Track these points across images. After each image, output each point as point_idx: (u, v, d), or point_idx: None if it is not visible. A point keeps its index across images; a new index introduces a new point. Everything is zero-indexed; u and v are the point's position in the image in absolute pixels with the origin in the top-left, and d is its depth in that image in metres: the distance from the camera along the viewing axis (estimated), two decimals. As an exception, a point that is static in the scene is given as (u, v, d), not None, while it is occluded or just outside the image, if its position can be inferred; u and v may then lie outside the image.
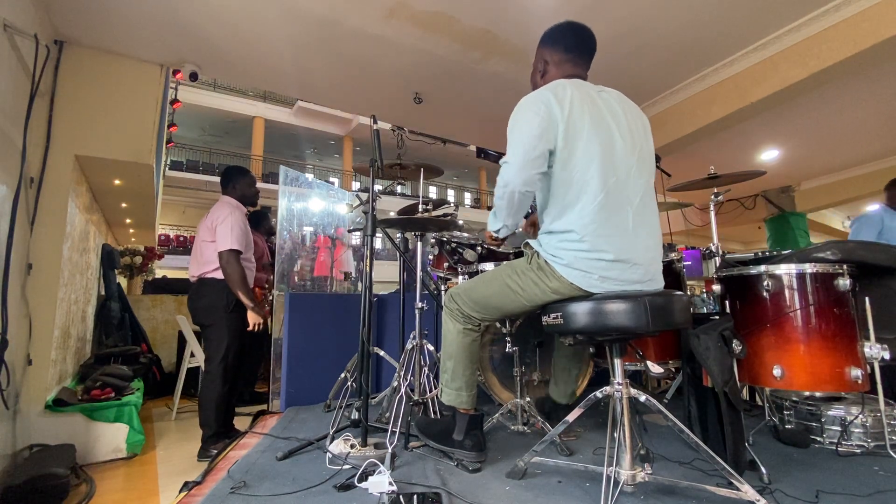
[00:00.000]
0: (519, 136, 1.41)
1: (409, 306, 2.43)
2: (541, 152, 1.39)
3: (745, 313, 1.82)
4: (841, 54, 2.92)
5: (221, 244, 2.59)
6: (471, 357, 1.65)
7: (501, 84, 3.73)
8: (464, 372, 1.64)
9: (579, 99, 1.42)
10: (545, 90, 1.45)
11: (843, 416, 1.77)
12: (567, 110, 1.39)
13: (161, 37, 3.03)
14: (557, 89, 1.44)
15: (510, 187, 1.43)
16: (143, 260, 7.21)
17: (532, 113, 1.41)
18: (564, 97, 1.41)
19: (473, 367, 1.67)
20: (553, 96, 1.42)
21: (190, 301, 2.71)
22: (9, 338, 2.09)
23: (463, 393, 1.64)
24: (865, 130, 4.84)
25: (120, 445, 2.72)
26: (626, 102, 1.54)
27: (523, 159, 1.39)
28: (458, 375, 1.64)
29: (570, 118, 1.39)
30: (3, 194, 2.13)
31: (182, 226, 16.04)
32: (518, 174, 1.40)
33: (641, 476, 1.24)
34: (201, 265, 2.67)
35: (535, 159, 1.39)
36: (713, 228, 2.35)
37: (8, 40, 2.10)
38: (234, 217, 2.66)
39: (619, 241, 1.36)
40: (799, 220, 6.91)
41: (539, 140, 1.38)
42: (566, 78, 1.54)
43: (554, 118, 1.39)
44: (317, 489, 1.42)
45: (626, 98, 1.56)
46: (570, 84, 1.47)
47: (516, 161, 1.40)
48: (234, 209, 2.72)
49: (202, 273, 2.66)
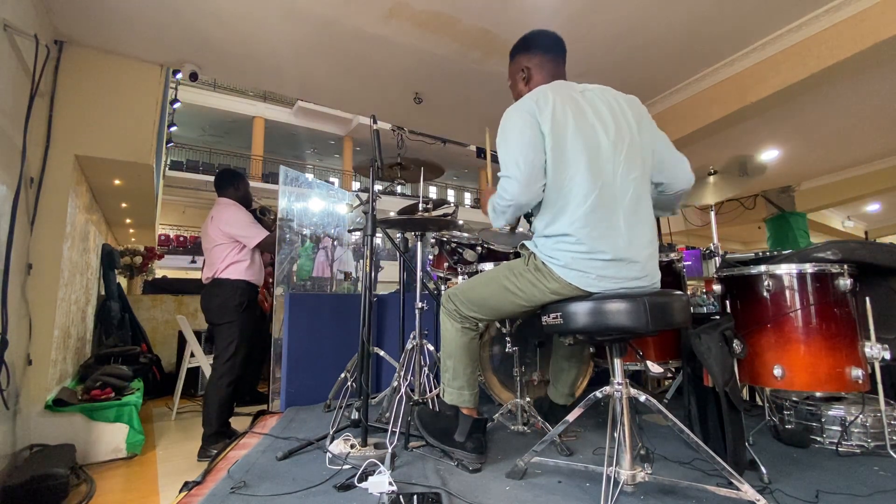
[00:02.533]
0: (513, 149, 1.40)
1: (409, 306, 2.43)
2: (539, 162, 1.39)
3: (746, 313, 1.82)
4: (841, 54, 2.92)
5: (253, 241, 2.76)
6: (471, 355, 1.65)
7: (501, 84, 3.69)
8: (464, 370, 1.63)
9: (561, 104, 1.42)
10: (527, 100, 1.45)
11: (844, 416, 1.77)
12: (549, 118, 1.39)
13: (161, 37, 3.03)
14: (539, 97, 1.44)
15: (515, 202, 1.41)
16: (143, 260, 7.20)
17: (522, 123, 1.41)
18: (546, 105, 1.41)
19: (474, 366, 1.67)
20: (535, 105, 1.42)
21: (203, 301, 2.78)
22: (9, 338, 2.09)
23: (465, 392, 1.64)
24: (865, 130, 4.83)
25: (120, 445, 2.72)
26: (611, 97, 1.51)
27: (528, 174, 1.37)
28: (459, 374, 1.64)
29: (554, 126, 1.39)
30: (3, 194, 2.13)
31: (182, 226, 16.04)
32: (524, 191, 1.38)
33: (641, 476, 1.24)
34: (214, 266, 2.74)
35: (537, 171, 1.38)
36: (713, 228, 2.35)
37: (8, 40, 2.10)
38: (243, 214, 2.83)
39: (615, 240, 1.36)
40: (799, 220, 6.90)
41: (534, 152, 1.38)
42: (550, 80, 1.55)
43: (540, 128, 1.39)
44: (317, 489, 1.42)
45: (613, 91, 1.54)
46: (551, 89, 1.46)
47: (521, 176, 1.37)
48: (239, 209, 2.84)
49: (214, 273, 2.73)
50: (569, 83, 1.54)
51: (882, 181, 6.15)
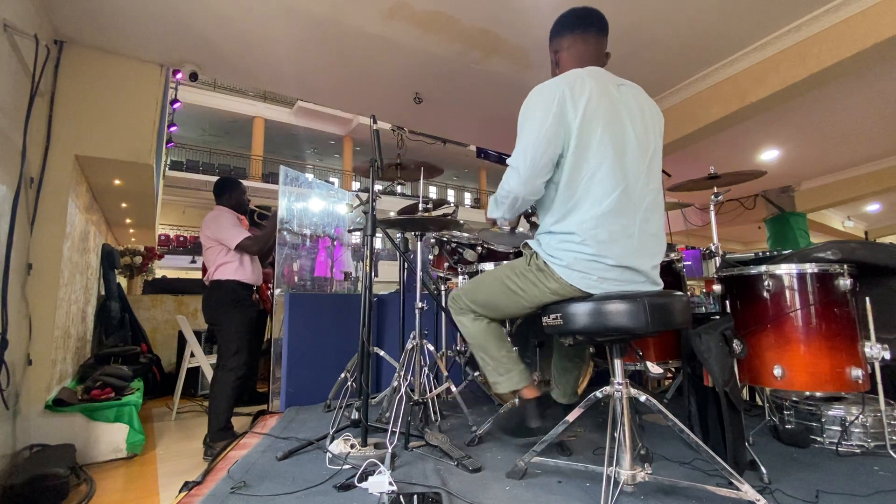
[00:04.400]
0: (528, 138, 1.35)
1: (409, 306, 2.43)
2: (549, 158, 1.34)
3: (746, 313, 1.82)
4: (841, 54, 2.92)
5: (232, 242, 2.81)
6: (498, 337, 1.61)
7: (501, 84, 3.73)
8: (499, 354, 1.59)
9: (597, 96, 1.34)
10: (561, 81, 1.36)
11: (844, 416, 1.77)
12: (582, 111, 1.31)
13: (161, 37, 3.03)
14: (576, 83, 1.34)
15: (514, 194, 1.40)
16: (143, 260, 7.19)
17: (543, 110, 1.34)
18: (582, 94, 1.33)
19: (507, 346, 1.61)
20: (569, 90, 1.33)
21: (203, 303, 2.89)
22: (9, 338, 2.09)
23: (513, 373, 1.58)
24: (865, 130, 4.84)
25: (120, 445, 2.72)
26: (645, 99, 1.48)
27: (531, 169, 1.35)
28: (497, 360, 1.59)
29: (584, 120, 1.32)
30: (3, 194, 2.13)
31: (182, 226, 16.05)
32: (524, 185, 1.37)
33: (641, 476, 1.24)
34: (209, 269, 2.86)
35: (542, 167, 1.35)
36: (713, 228, 2.35)
37: (8, 40, 2.10)
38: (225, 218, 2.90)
39: (622, 248, 1.34)
40: (799, 220, 6.90)
41: (548, 145, 1.33)
42: (580, 62, 1.47)
43: (566, 119, 1.32)
44: (317, 489, 1.42)
45: (645, 94, 1.51)
46: (591, 76, 1.38)
47: (523, 170, 1.36)
48: (221, 212, 2.94)
49: (210, 276, 2.85)
50: (607, 73, 1.46)
51: (882, 181, 6.15)
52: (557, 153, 1.35)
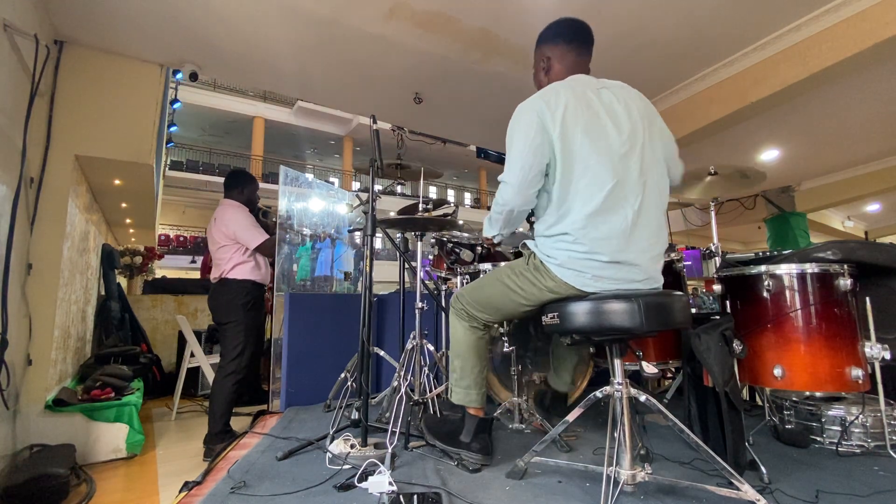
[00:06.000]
0: (516, 152, 1.41)
1: (409, 306, 2.43)
2: (538, 170, 1.40)
3: (746, 313, 1.82)
4: (841, 54, 2.92)
5: (252, 244, 2.78)
6: (479, 355, 1.63)
7: (501, 84, 3.73)
8: (472, 370, 1.62)
9: (573, 104, 1.39)
10: (537, 99, 1.43)
11: (844, 416, 1.77)
12: (559, 121, 1.37)
13: (161, 37, 3.03)
14: (550, 97, 1.41)
15: (509, 206, 1.45)
16: (143, 260, 7.19)
17: (526, 124, 1.41)
18: (557, 106, 1.39)
19: (482, 366, 1.65)
20: (545, 105, 1.40)
21: (210, 300, 2.83)
22: (9, 338, 2.09)
23: (472, 392, 1.62)
24: (865, 130, 4.83)
25: (120, 445, 2.72)
26: (629, 96, 1.49)
27: (521, 181, 1.40)
28: (466, 374, 1.62)
29: (563, 128, 1.37)
30: (3, 194, 2.13)
31: (182, 226, 16.05)
32: (516, 196, 1.43)
33: (641, 476, 1.24)
34: (221, 267, 2.80)
35: (532, 178, 1.40)
36: (713, 228, 2.35)
37: (8, 40, 2.10)
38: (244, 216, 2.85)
39: (615, 244, 1.35)
40: (799, 220, 6.90)
41: (534, 157, 1.38)
42: (570, 72, 1.53)
43: (546, 130, 1.38)
44: (317, 489, 1.42)
45: (630, 90, 1.52)
46: (565, 87, 1.44)
47: (515, 182, 1.41)
48: (238, 210, 2.87)
49: (222, 274, 2.78)
50: (588, 79, 1.50)
51: (882, 181, 6.14)
52: (545, 162, 1.40)
